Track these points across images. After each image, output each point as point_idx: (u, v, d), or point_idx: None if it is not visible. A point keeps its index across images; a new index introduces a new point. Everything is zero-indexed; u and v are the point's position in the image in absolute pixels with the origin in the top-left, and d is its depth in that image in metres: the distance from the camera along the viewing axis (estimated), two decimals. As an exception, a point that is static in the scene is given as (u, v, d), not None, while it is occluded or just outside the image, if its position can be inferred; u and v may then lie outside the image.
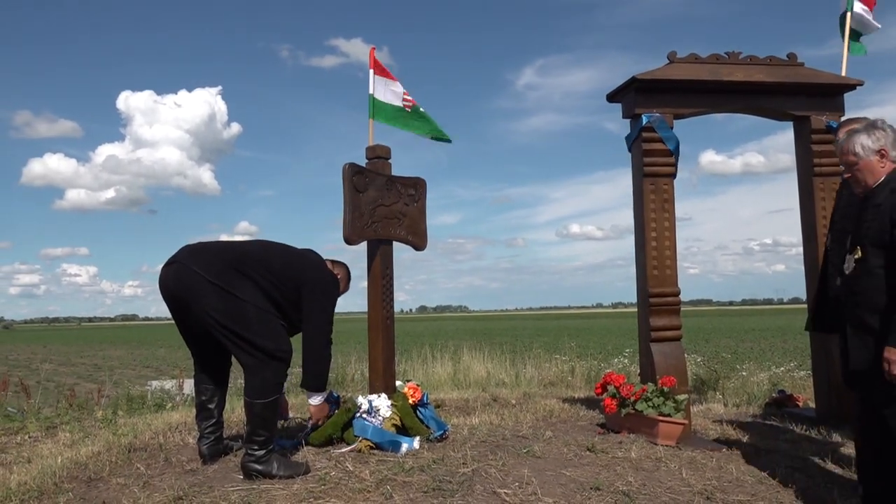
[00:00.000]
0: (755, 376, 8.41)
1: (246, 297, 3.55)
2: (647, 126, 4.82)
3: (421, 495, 3.21)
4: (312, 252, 4.04)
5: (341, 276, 4.12)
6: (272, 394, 3.57)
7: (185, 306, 3.62)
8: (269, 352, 3.56)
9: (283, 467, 3.53)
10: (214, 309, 3.51)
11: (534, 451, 4.00)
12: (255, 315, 3.56)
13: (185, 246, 3.77)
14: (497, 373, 9.10)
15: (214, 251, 3.71)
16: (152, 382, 11.23)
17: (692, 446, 4.24)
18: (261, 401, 3.54)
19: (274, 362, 3.59)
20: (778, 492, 3.39)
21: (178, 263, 3.62)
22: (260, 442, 3.53)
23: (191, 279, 3.54)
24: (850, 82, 5.16)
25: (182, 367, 15.62)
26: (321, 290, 3.81)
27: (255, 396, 3.54)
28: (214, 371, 3.97)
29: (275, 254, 3.84)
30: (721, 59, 5.02)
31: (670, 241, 4.88)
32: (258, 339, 3.54)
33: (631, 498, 3.22)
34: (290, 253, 3.93)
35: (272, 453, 3.57)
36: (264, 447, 3.53)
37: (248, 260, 3.69)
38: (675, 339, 4.84)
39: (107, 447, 4.31)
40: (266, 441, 3.54)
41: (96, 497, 3.33)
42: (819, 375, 5.22)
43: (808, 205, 5.21)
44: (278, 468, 3.51)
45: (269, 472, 3.49)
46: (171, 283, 3.62)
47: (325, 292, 3.84)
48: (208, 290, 3.51)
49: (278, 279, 3.69)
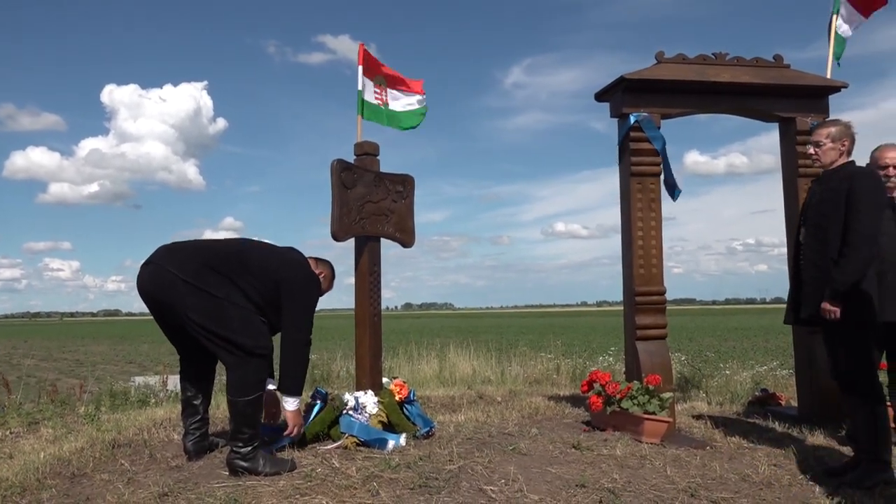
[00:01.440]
0: (738, 375, 8.49)
1: (221, 294, 3.53)
2: (635, 125, 4.85)
3: (407, 492, 3.22)
4: (293, 250, 3.99)
5: (325, 275, 4.09)
6: (253, 391, 3.56)
7: (163, 306, 3.61)
8: (247, 349, 3.54)
9: (268, 464, 3.52)
10: (191, 308, 3.49)
11: (519, 449, 4.02)
12: (233, 312, 3.54)
13: (162, 246, 3.74)
14: (483, 370, 9.12)
15: (189, 250, 3.68)
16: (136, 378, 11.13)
17: (676, 444, 4.27)
18: (242, 398, 3.52)
19: (254, 359, 3.57)
20: (761, 489, 3.42)
21: (154, 264, 3.60)
22: (244, 439, 3.51)
23: (166, 279, 3.52)
24: (834, 84, 5.21)
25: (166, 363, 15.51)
26: (300, 288, 3.77)
27: (237, 394, 3.53)
28: (199, 367, 3.95)
29: (252, 252, 3.80)
30: (708, 59, 5.05)
31: (656, 240, 4.91)
32: (236, 336, 3.52)
33: (616, 495, 3.24)
34: (268, 251, 3.89)
35: (258, 450, 3.55)
36: (249, 444, 3.52)
37: (223, 258, 3.66)
38: (660, 337, 4.87)
39: (90, 443, 4.28)
40: (250, 438, 3.53)
41: (80, 493, 3.31)
42: (801, 374, 5.27)
43: (792, 205, 5.25)
44: (264, 465, 3.50)
45: (254, 469, 3.48)
46: (147, 284, 3.60)
47: (304, 291, 3.79)
48: (184, 289, 3.49)
49: (256, 278, 3.66)
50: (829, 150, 3.76)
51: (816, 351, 4.98)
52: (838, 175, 3.70)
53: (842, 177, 3.66)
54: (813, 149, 3.83)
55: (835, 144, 3.75)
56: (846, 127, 3.79)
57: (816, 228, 3.71)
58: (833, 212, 3.60)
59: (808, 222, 3.79)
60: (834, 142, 3.75)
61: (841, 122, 3.82)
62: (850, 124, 3.81)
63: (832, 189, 3.66)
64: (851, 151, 3.80)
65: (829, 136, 3.76)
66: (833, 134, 3.76)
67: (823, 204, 3.69)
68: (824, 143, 3.76)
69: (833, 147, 3.75)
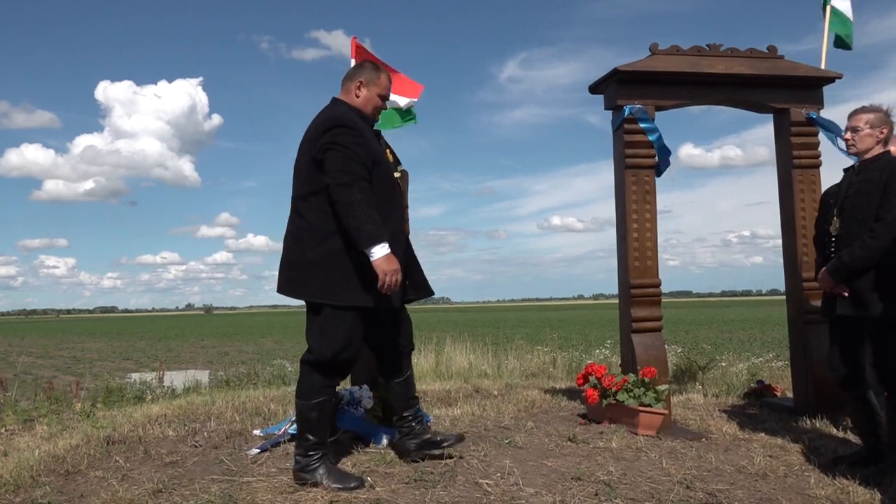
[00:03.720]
0: (734, 367, 8.51)
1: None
2: (629, 117, 4.83)
3: (403, 486, 3.21)
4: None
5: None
6: (317, 396, 3.26)
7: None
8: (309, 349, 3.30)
9: (331, 478, 3.20)
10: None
11: (515, 442, 4.02)
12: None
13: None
14: (479, 364, 9.12)
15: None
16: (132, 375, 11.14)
17: (672, 436, 4.27)
18: (301, 401, 3.28)
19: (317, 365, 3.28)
20: (756, 480, 3.42)
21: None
22: (304, 446, 3.26)
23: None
24: (829, 75, 5.20)
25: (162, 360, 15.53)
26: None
27: (298, 396, 3.32)
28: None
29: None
30: (702, 51, 5.04)
31: (651, 233, 4.90)
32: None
33: (612, 487, 3.24)
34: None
35: (321, 461, 3.25)
36: (308, 452, 3.25)
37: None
38: (655, 329, 4.87)
39: (85, 440, 4.26)
40: (312, 446, 3.24)
41: (74, 490, 3.30)
42: (797, 366, 5.27)
43: (787, 197, 5.25)
44: (326, 478, 3.19)
45: (315, 481, 3.19)
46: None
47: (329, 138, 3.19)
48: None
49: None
50: (867, 136, 3.64)
51: (811, 343, 4.99)
52: (877, 165, 3.60)
53: (881, 167, 3.57)
54: (849, 133, 3.71)
55: (873, 131, 3.64)
56: (886, 114, 3.67)
57: (852, 221, 3.62)
58: (869, 203, 3.53)
59: (844, 214, 3.67)
60: (873, 128, 3.64)
61: (882, 109, 3.69)
62: (890, 111, 3.70)
63: (869, 180, 3.57)
64: (889, 141, 3.70)
65: (868, 123, 3.64)
66: (872, 120, 3.64)
67: (860, 195, 3.60)
68: (862, 129, 3.65)
69: (871, 134, 3.64)
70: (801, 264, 5.11)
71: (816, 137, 5.19)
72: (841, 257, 3.59)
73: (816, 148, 5.19)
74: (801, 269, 5.10)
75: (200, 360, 20.58)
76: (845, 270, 3.57)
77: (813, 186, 5.16)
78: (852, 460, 3.65)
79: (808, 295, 5.02)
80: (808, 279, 4.99)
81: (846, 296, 3.61)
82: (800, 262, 5.12)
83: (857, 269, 3.52)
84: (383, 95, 3.50)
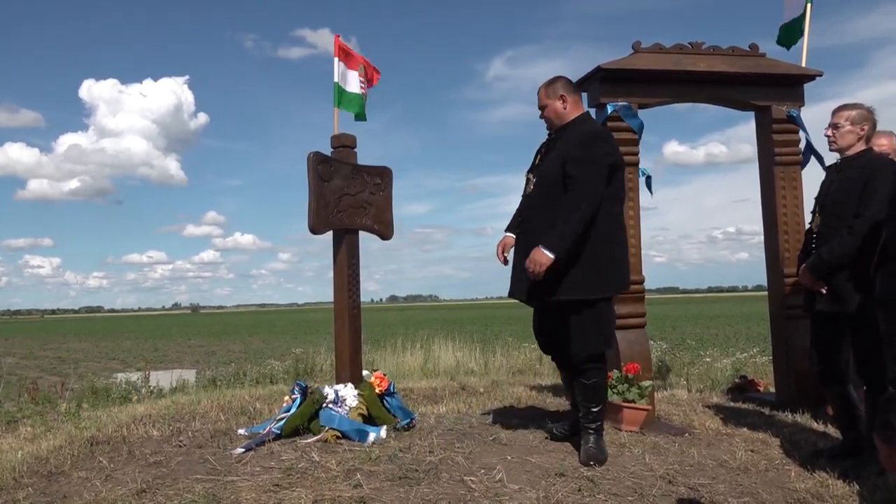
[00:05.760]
0: (719, 362, 8.58)
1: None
2: (613, 115, 4.85)
3: (388, 484, 3.22)
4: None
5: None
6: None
7: None
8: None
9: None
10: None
11: (500, 439, 4.03)
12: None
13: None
14: (466, 361, 9.16)
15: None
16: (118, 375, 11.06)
17: (655, 431, 4.30)
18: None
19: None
20: (738, 475, 3.46)
21: None
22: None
23: None
24: (809, 73, 5.25)
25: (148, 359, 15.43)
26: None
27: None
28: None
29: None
30: (685, 49, 5.07)
31: (635, 230, 4.93)
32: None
33: (595, 483, 3.26)
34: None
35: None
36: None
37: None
38: (639, 326, 4.90)
39: (69, 441, 4.24)
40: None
41: (56, 491, 3.28)
42: (779, 361, 5.33)
43: (769, 193, 5.30)
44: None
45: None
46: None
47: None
48: None
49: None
50: (847, 133, 3.67)
51: (793, 338, 5.04)
52: (857, 162, 3.64)
53: (861, 164, 3.61)
54: (830, 130, 3.74)
55: (853, 128, 3.66)
56: (868, 111, 3.69)
57: (833, 218, 3.66)
58: (849, 201, 3.56)
59: (825, 211, 3.73)
60: (853, 125, 3.66)
61: (863, 106, 3.72)
62: (872, 109, 3.72)
63: (850, 177, 3.61)
64: (871, 138, 3.73)
65: (849, 119, 3.66)
66: (853, 117, 3.66)
67: (840, 193, 3.64)
68: (843, 126, 3.68)
69: (851, 130, 3.66)
70: (782, 260, 5.16)
71: (797, 135, 5.24)
72: (820, 254, 3.64)
73: (797, 145, 5.25)
74: (782, 264, 5.15)
75: (187, 359, 20.50)
76: (825, 267, 3.61)
77: (794, 183, 5.21)
78: (832, 454, 3.69)
79: (790, 290, 5.07)
80: (789, 275, 5.04)
81: (824, 293, 3.66)
82: (781, 258, 5.17)
83: (835, 265, 3.57)
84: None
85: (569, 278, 3.55)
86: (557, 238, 3.43)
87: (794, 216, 5.19)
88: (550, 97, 3.81)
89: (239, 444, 3.94)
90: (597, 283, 3.59)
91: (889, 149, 4.07)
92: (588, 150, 3.55)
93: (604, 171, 3.54)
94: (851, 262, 3.52)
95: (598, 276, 3.59)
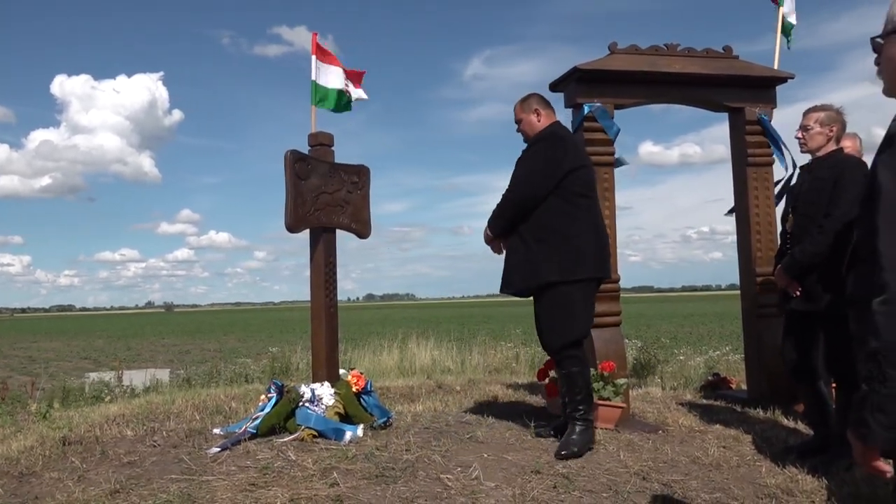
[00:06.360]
0: (692, 360, 8.69)
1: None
2: (589, 115, 4.89)
3: (365, 482, 3.23)
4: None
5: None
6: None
7: None
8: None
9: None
10: None
11: (476, 437, 4.05)
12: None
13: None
14: (443, 360, 9.17)
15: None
16: (90, 374, 10.91)
17: (630, 429, 4.35)
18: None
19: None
20: (710, 471, 3.51)
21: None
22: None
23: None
24: (781, 75, 5.33)
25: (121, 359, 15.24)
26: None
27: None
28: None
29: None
30: (660, 50, 5.12)
31: (611, 230, 4.95)
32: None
33: (570, 480, 3.29)
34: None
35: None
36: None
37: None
38: (614, 324, 4.94)
39: (40, 441, 4.18)
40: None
41: (28, 492, 3.24)
42: (751, 359, 5.42)
43: (742, 194, 5.38)
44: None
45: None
46: None
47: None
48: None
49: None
50: (817, 134, 3.75)
51: (765, 336, 5.12)
52: (827, 163, 3.71)
53: (831, 164, 3.68)
54: (801, 132, 3.82)
55: (823, 129, 3.74)
56: (837, 113, 3.77)
57: (805, 219, 3.74)
58: (821, 201, 3.64)
59: (798, 212, 3.81)
60: (822, 126, 3.74)
61: (832, 108, 3.79)
62: (841, 111, 3.79)
63: (820, 178, 3.69)
64: (840, 139, 3.80)
65: (818, 121, 3.75)
66: (822, 119, 3.74)
67: (812, 193, 3.73)
68: (812, 128, 3.76)
69: (821, 132, 3.74)
70: (754, 259, 5.24)
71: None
72: (793, 254, 3.72)
73: (770, 146, 5.32)
74: (754, 264, 5.23)
75: (161, 358, 20.27)
76: (797, 266, 3.69)
77: (766, 184, 5.29)
78: (802, 450, 3.76)
79: (762, 289, 5.15)
80: (761, 274, 5.12)
81: (798, 294, 3.73)
82: (754, 257, 5.25)
83: (807, 264, 3.64)
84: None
85: (532, 266, 3.84)
86: (491, 218, 4.03)
87: (766, 216, 5.27)
88: (526, 111, 4.08)
89: (214, 444, 3.92)
90: (552, 267, 3.80)
91: (853, 150, 4.15)
92: (527, 150, 4.01)
93: (538, 166, 3.86)
94: (824, 261, 3.59)
95: (562, 261, 3.80)
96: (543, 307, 3.91)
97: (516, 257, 3.94)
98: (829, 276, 3.57)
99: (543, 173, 3.84)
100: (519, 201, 3.87)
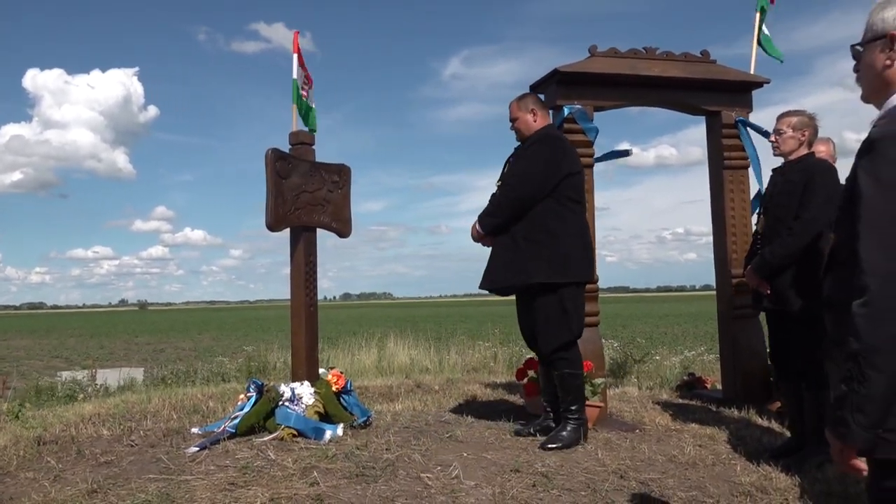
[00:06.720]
0: (668, 360, 8.79)
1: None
2: (569, 117, 4.93)
3: (345, 481, 3.23)
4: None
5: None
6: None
7: None
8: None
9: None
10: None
11: (456, 436, 4.07)
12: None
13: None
14: (421, 359, 9.17)
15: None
16: (63, 373, 10.75)
17: (608, 428, 4.40)
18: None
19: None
20: (686, 469, 3.56)
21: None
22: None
23: None
24: (758, 80, 5.42)
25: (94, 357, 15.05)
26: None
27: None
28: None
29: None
30: (639, 54, 5.18)
31: (590, 230, 5.01)
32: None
33: (549, 478, 3.32)
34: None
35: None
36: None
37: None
38: (592, 325, 4.98)
39: (14, 441, 4.13)
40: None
41: (3, 492, 3.19)
42: (726, 359, 5.49)
43: (718, 195, 5.45)
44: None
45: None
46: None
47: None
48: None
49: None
50: (789, 138, 3.84)
51: (739, 337, 5.20)
52: (799, 166, 3.80)
53: (802, 167, 3.77)
54: (774, 136, 3.93)
55: (795, 134, 3.83)
56: (809, 118, 3.86)
57: (776, 220, 3.83)
58: (791, 203, 3.73)
59: (769, 213, 3.92)
60: (795, 131, 3.83)
61: (804, 113, 3.88)
62: (813, 116, 3.89)
63: (791, 181, 3.79)
64: (812, 143, 3.90)
65: (791, 126, 3.84)
66: (795, 123, 3.84)
67: (783, 195, 3.82)
68: (785, 132, 3.86)
69: (793, 136, 3.83)
70: (730, 261, 5.32)
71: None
72: (763, 255, 3.81)
73: (745, 150, 5.40)
74: (730, 265, 5.31)
75: (135, 357, 20.04)
76: (767, 268, 3.78)
77: (742, 186, 5.38)
78: (779, 452, 3.81)
79: (737, 291, 5.23)
80: (737, 275, 5.20)
81: (768, 294, 3.81)
82: (729, 258, 5.32)
83: (777, 265, 3.73)
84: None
85: (519, 265, 3.90)
86: (483, 215, 4.07)
87: (741, 218, 5.35)
88: (522, 110, 4.14)
89: (193, 443, 3.89)
90: (540, 266, 3.88)
91: (827, 154, 4.25)
92: (525, 150, 4.06)
93: (538, 168, 3.93)
94: (794, 262, 3.68)
95: (552, 262, 3.88)
96: (536, 310, 3.97)
97: (503, 255, 3.98)
98: (799, 277, 3.67)
99: (543, 174, 3.90)
100: (516, 201, 3.92)
